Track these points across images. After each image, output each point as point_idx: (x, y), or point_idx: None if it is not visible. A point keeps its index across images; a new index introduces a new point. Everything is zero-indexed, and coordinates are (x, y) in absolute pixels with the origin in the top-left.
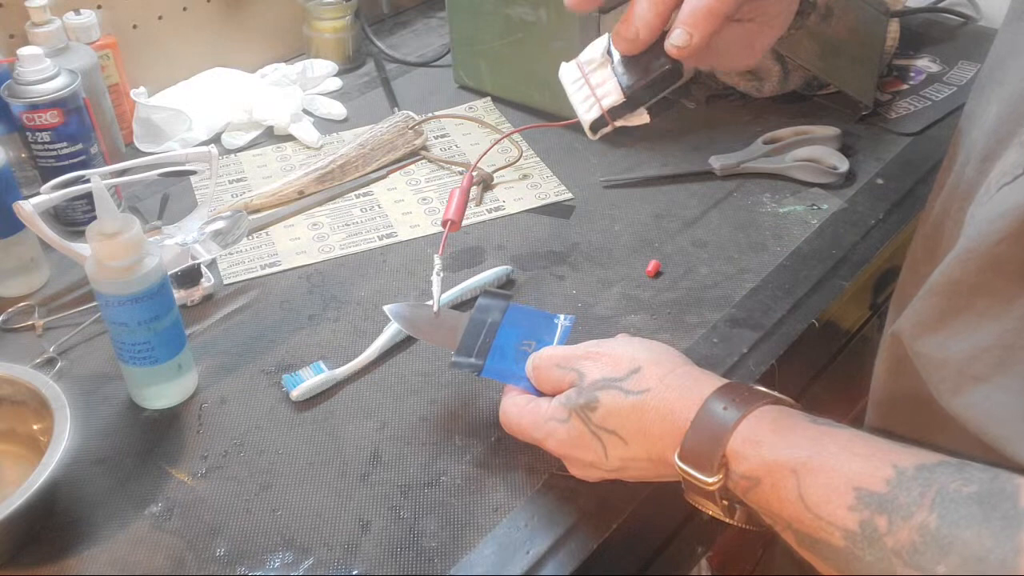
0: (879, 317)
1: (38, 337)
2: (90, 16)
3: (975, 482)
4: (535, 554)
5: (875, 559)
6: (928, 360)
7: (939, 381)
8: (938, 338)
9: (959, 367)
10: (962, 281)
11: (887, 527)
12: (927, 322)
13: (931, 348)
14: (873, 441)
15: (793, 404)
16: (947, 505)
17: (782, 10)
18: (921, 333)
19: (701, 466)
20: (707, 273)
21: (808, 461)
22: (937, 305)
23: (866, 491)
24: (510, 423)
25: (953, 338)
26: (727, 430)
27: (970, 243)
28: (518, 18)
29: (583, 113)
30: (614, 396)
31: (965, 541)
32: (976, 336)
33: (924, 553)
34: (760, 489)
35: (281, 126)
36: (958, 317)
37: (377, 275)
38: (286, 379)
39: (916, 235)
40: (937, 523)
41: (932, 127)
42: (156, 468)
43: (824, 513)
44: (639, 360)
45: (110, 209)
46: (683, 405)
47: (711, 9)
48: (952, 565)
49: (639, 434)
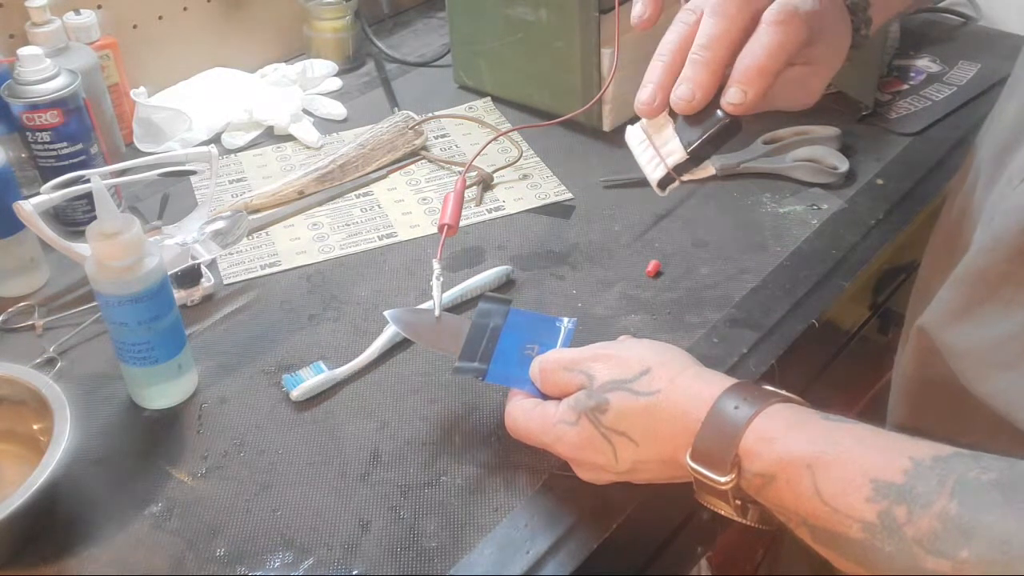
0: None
1: (38, 337)
2: (90, 16)
3: (993, 470)
4: (535, 554)
5: (896, 549)
6: (954, 349)
7: (966, 369)
8: (965, 328)
9: (985, 355)
10: (987, 271)
11: (907, 516)
12: (954, 311)
13: (957, 338)
14: (886, 435)
15: (803, 403)
16: (967, 492)
17: (835, 51)
18: (948, 323)
19: (714, 466)
20: (707, 273)
21: (823, 455)
22: (963, 295)
23: (883, 482)
24: (517, 428)
25: (979, 327)
26: (739, 429)
27: (995, 234)
28: (518, 18)
29: (650, 172)
30: (624, 398)
31: (988, 525)
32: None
33: (946, 540)
34: (775, 486)
35: (281, 126)
36: (983, 306)
37: (377, 275)
38: (286, 379)
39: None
40: (958, 509)
41: (932, 127)
42: (156, 468)
43: (841, 506)
44: (648, 361)
45: (110, 209)
46: (694, 405)
47: (763, 68)
48: (976, 549)
49: (650, 435)
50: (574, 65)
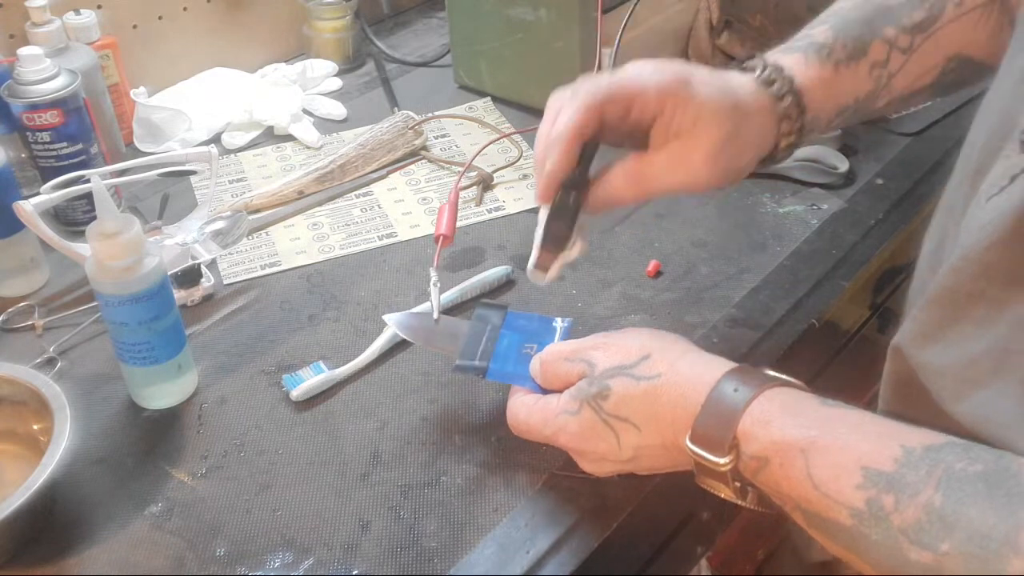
0: (879, 317)
1: (38, 337)
2: (90, 16)
3: (981, 461)
4: (535, 554)
5: (881, 537)
6: (929, 369)
7: (940, 389)
8: (937, 347)
9: (958, 374)
10: (957, 290)
11: (894, 505)
12: (927, 332)
13: (931, 357)
14: (882, 422)
15: (803, 387)
16: (953, 484)
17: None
18: (922, 344)
19: (712, 447)
20: (707, 273)
21: (817, 440)
22: (935, 315)
23: (874, 470)
24: (519, 423)
25: (951, 347)
26: (738, 411)
27: (962, 252)
28: (518, 18)
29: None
30: (625, 383)
31: (970, 518)
32: (972, 343)
33: (929, 531)
34: (769, 469)
35: (281, 126)
36: (955, 326)
37: (377, 275)
38: (286, 379)
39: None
40: (942, 501)
41: (932, 127)
42: (156, 468)
43: (832, 492)
44: (648, 347)
45: (110, 209)
46: (694, 388)
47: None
48: (956, 542)
49: (652, 420)
50: (574, 65)
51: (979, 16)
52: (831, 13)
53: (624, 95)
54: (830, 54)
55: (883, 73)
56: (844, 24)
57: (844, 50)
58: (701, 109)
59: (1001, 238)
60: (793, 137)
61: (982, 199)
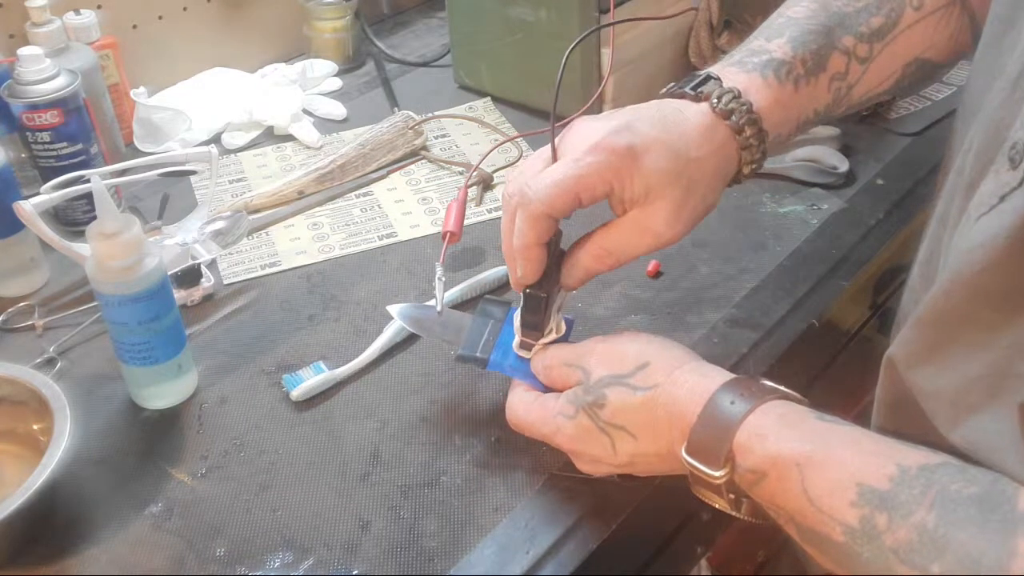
0: (879, 318)
1: (38, 337)
2: (90, 16)
3: (976, 484)
4: (535, 554)
5: (873, 556)
6: (922, 392)
7: (934, 413)
8: (930, 370)
9: (952, 399)
10: (948, 312)
11: (887, 524)
12: (919, 353)
13: (924, 381)
14: (879, 439)
15: (801, 400)
16: (946, 505)
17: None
18: (915, 365)
19: (708, 460)
20: (707, 273)
21: (813, 455)
22: (926, 337)
23: (869, 487)
24: (517, 419)
25: (945, 370)
26: (734, 424)
27: (952, 274)
28: (518, 18)
29: (513, 346)
30: (622, 393)
31: (961, 542)
32: (966, 366)
33: (920, 552)
34: (766, 483)
35: (281, 126)
36: (947, 350)
37: (377, 275)
38: (286, 379)
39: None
40: (935, 523)
41: (932, 127)
42: (156, 468)
43: (826, 507)
44: (646, 355)
45: (110, 209)
46: (691, 399)
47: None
48: (947, 565)
49: (648, 429)
50: (574, 65)
51: (939, 19)
52: (788, 22)
53: (568, 193)
54: (789, 72)
55: (842, 85)
56: (802, 36)
57: (803, 66)
58: (649, 179)
59: (993, 261)
60: (755, 164)
61: (972, 215)
